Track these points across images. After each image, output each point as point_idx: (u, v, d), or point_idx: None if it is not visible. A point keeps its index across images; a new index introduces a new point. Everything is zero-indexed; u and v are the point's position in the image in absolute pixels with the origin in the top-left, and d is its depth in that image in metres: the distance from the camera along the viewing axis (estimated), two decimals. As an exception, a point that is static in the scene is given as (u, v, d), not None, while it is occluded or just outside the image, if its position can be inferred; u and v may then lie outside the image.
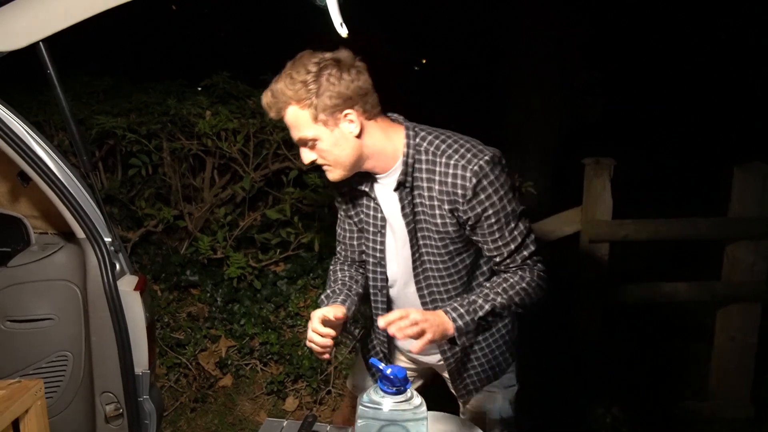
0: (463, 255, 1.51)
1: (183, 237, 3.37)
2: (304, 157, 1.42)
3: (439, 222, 1.44)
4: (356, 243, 1.64)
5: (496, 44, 5.70)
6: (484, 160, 1.36)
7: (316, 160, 1.42)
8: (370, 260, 1.59)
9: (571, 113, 5.95)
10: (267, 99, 1.37)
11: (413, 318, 1.31)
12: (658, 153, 6.58)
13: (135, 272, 1.89)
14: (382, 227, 1.53)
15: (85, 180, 1.82)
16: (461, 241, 1.48)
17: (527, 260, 1.46)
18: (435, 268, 1.51)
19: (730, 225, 2.97)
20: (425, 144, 1.41)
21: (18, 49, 1.57)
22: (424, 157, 1.41)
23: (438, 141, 1.41)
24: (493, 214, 1.39)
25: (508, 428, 1.68)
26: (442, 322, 1.37)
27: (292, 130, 1.40)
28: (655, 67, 7.38)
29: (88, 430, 1.90)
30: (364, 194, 1.52)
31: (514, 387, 1.69)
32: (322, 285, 3.05)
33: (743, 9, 6.43)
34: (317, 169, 3.30)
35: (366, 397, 1.22)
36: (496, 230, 1.42)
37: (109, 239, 1.82)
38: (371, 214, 1.54)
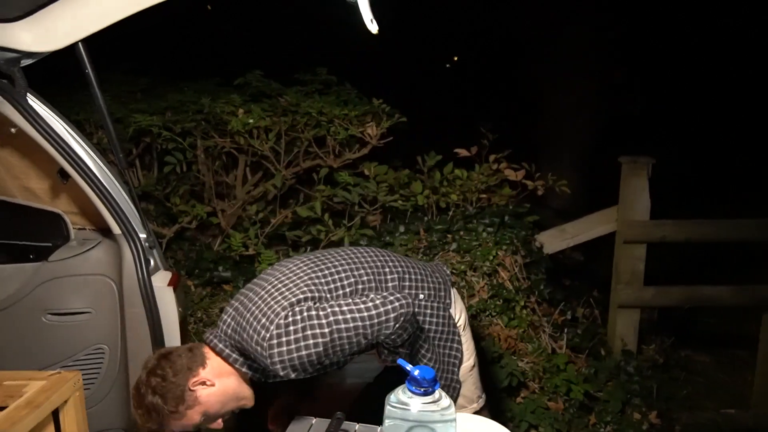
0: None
1: (216, 234, 3.43)
2: (214, 428, 1.55)
3: None
4: None
5: (530, 40, 5.60)
6: (269, 352, 1.37)
7: (209, 425, 1.53)
8: None
9: (608, 110, 5.80)
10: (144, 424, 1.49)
11: None
12: (699, 151, 6.36)
13: (169, 268, 1.92)
14: None
15: (121, 177, 1.86)
16: None
17: (382, 338, 1.48)
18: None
19: (776, 227, 2.84)
20: (233, 342, 1.49)
21: (57, 50, 1.61)
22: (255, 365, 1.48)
23: (251, 352, 1.43)
24: (319, 359, 1.40)
25: None
26: None
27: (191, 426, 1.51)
28: (696, 62, 7.13)
29: (122, 421, 1.95)
30: None
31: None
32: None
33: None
34: (348, 167, 3.32)
35: (394, 398, 1.21)
36: (336, 356, 1.43)
37: (144, 235, 1.85)
38: None
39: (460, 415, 1.29)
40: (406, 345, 1.56)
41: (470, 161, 3.17)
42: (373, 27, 1.19)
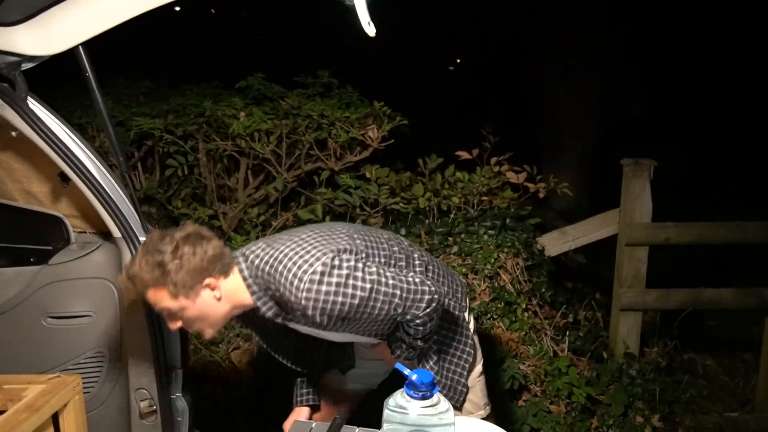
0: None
1: (218, 236, 3.42)
2: (170, 325, 1.47)
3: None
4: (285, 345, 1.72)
5: (532, 42, 5.59)
6: (306, 288, 1.36)
7: (187, 328, 1.48)
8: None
9: (611, 112, 5.79)
10: (124, 283, 1.42)
11: None
12: (702, 153, 6.34)
13: (169, 271, 1.92)
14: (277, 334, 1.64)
15: (122, 180, 1.87)
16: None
17: (408, 315, 1.47)
18: (375, 328, 1.54)
19: (779, 229, 2.83)
20: (260, 282, 1.44)
21: (58, 54, 1.61)
22: (272, 293, 1.44)
23: (268, 267, 1.41)
24: (348, 313, 1.39)
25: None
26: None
27: (155, 306, 1.43)
28: (698, 63, 7.11)
29: (123, 425, 1.94)
30: (254, 318, 1.58)
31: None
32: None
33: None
34: (349, 169, 3.33)
35: (392, 402, 1.21)
36: (360, 317, 1.42)
37: (144, 238, 1.85)
38: (266, 328, 1.64)
39: (458, 419, 1.28)
40: (425, 338, 1.54)
41: (472, 164, 3.17)
42: (371, 30, 1.19)
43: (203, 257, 1.39)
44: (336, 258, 1.39)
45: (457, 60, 10.44)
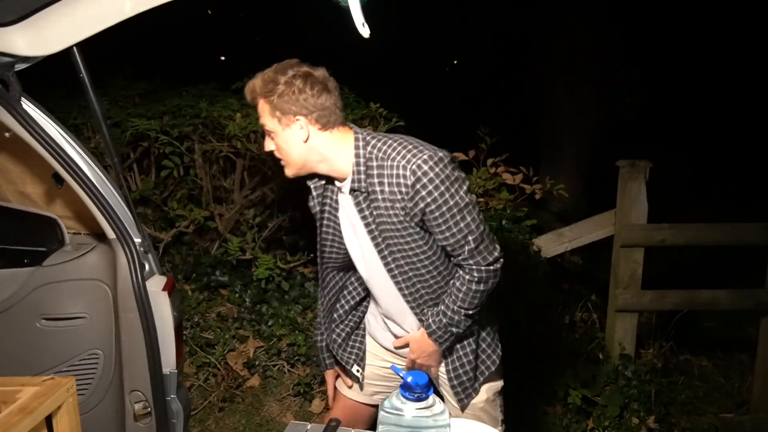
0: (434, 250, 1.55)
1: (214, 238, 3.42)
2: (265, 145, 1.58)
3: (396, 221, 1.50)
4: (336, 246, 1.72)
5: (531, 43, 5.60)
6: (422, 158, 1.43)
7: (274, 152, 1.57)
8: (338, 264, 1.73)
9: (608, 113, 5.80)
10: (247, 87, 1.54)
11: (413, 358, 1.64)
12: (698, 154, 6.36)
13: (164, 273, 1.91)
14: (343, 231, 1.65)
15: (116, 181, 1.86)
16: (424, 239, 1.53)
17: (468, 259, 1.51)
18: (410, 266, 1.57)
19: (774, 230, 2.84)
20: (375, 151, 1.50)
21: (52, 54, 1.61)
22: (375, 164, 1.49)
23: (385, 146, 1.49)
24: (435, 209, 1.45)
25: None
26: (425, 346, 1.61)
27: (259, 118, 1.55)
28: (695, 65, 7.14)
29: (117, 427, 1.93)
30: (329, 200, 1.63)
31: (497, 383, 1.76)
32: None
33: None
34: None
35: (388, 403, 1.21)
36: (442, 224, 1.47)
37: (139, 240, 1.84)
38: (334, 219, 1.65)
39: (453, 421, 1.28)
40: (468, 313, 1.54)
41: (468, 165, 3.17)
42: (365, 31, 1.19)
43: (308, 98, 1.46)
44: (456, 168, 1.48)
45: (454, 61, 10.46)
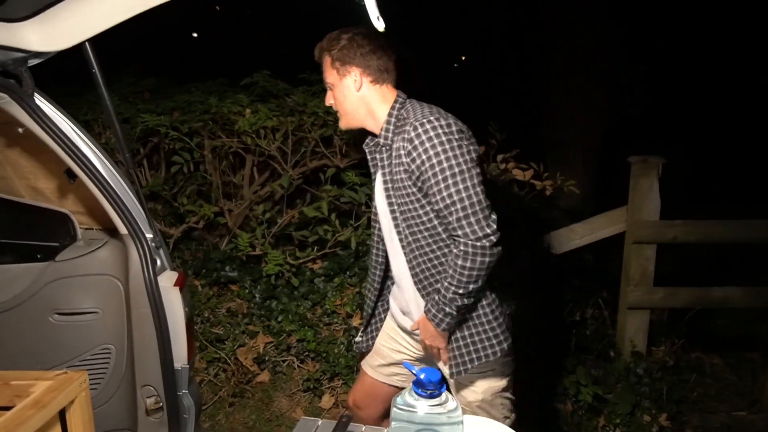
0: (430, 217, 1.59)
1: (223, 233, 3.43)
2: (326, 99, 1.73)
3: (403, 179, 1.58)
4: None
5: (537, 40, 5.56)
6: (428, 118, 1.52)
7: (333, 105, 1.71)
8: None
9: (615, 110, 5.74)
10: (318, 44, 1.68)
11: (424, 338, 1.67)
12: (709, 150, 6.29)
13: (175, 268, 1.92)
14: (375, 189, 1.74)
15: (128, 177, 1.86)
16: (421, 203, 1.58)
17: (456, 229, 1.52)
18: (411, 232, 1.63)
19: (789, 227, 2.80)
20: (404, 111, 1.63)
21: (64, 50, 1.61)
22: (401, 123, 1.61)
23: (412, 108, 1.61)
24: (429, 167, 1.51)
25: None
26: (428, 327, 1.64)
27: (323, 73, 1.70)
28: (703, 60, 7.06)
29: (129, 422, 1.95)
30: (376, 161, 1.72)
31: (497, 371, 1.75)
32: (358, 283, 3.04)
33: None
34: (355, 166, 3.32)
35: (400, 400, 1.20)
36: (434, 185, 1.52)
37: (151, 235, 1.85)
38: (373, 178, 1.76)
39: (467, 418, 1.27)
40: (464, 292, 1.55)
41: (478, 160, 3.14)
42: (380, 24, 1.19)
43: (364, 54, 1.62)
44: (464, 138, 1.54)
45: (461, 57, 10.41)
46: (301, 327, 2.98)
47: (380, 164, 1.68)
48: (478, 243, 1.50)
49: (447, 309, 1.58)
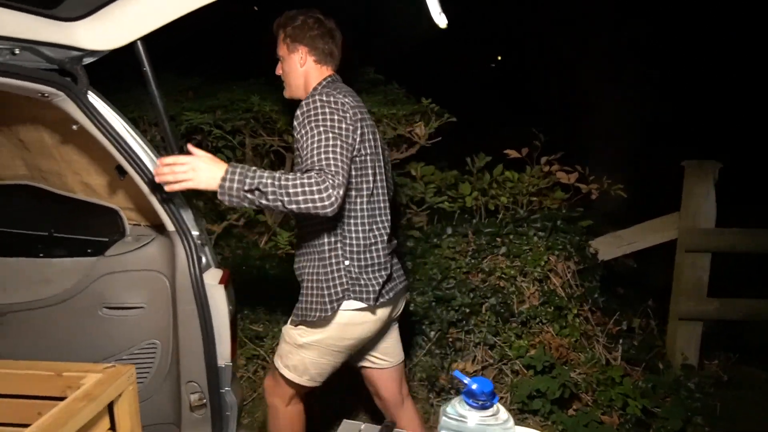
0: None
1: (263, 231, 3.45)
2: (276, 69, 1.93)
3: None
4: None
5: (575, 43, 5.43)
6: (318, 94, 1.70)
7: (282, 75, 1.91)
8: None
9: (652, 114, 5.56)
10: (276, 20, 1.88)
11: (185, 159, 1.62)
12: (761, 155, 6.00)
13: (220, 266, 1.93)
14: None
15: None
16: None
17: (310, 170, 1.60)
18: None
19: None
20: (319, 88, 1.81)
21: (118, 48, 1.63)
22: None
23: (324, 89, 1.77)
24: (300, 128, 1.68)
25: None
26: (212, 175, 1.63)
27: (277, 49, 1.90)
28: (747, 61, 6.73)
29: (173, 416, 1.96)
30: None
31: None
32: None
33: None
34: (394, 167, 3.28)
35: (451, 409, 1.16)
36: (301, 141, 1.66)
37: (197, 233, 1.86)
38: None
39: (518, 429, 1.22)
40: (267, 200, 1.59)
41: (521, 163, 3.08)
42: (442, 20, 1.15)
43: (314, 36, 1.83)
44: (343, 108, 1.70)
45: (498, 57, 10.27)
46: (339, 327, 2.96)
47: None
48: (322, 185, 1.55)
49: (236, 185, 1.60)
